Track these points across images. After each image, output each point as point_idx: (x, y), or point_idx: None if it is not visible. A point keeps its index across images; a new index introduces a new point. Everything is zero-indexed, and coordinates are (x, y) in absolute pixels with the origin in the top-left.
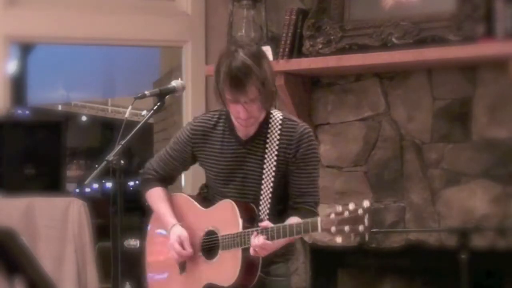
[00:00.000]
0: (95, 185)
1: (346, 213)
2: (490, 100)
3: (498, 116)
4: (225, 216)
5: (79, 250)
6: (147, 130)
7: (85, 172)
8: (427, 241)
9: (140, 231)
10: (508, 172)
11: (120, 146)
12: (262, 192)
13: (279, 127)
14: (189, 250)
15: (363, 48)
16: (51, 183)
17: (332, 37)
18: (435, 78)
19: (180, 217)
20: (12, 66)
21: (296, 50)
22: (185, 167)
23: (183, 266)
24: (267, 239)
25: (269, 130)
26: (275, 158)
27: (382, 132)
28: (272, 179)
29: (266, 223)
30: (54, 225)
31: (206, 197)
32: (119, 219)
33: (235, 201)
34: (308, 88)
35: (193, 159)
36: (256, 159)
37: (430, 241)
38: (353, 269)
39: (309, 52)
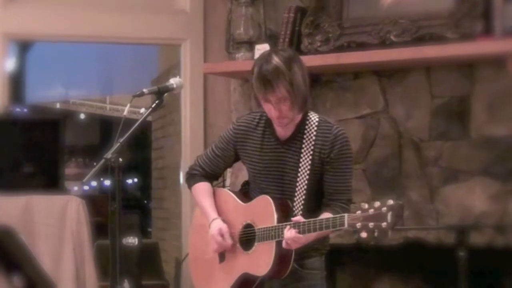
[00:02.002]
0: (94, 183)
1: (371, 211)
2: (488, 98)
3: (497, 113)
4: (262, 211)
5: (77, 248)
6: (145, 128)
7: (84, 170)
8: (425, 239)
9: (138, 229)
10: (507, 169)
11: (118, 144)
12: (297, 189)
13: (315, 128)
14: (229, 241)
15: (361, 46)
16: (50, 181)
17: (330, 35)
18: (433, 76)
19: (221, 210)
20: (10, 64)
21: (294, 48)
22: (229, 164)
23: (222, 256)
24: (299, 232)
25: (306, 131)
26: (310, 157)
27: (380, 130)
28: (307, 177)
29: (298, 218)
30: (53, 223)
31: (246, 192)
32: (117, 217)
33: (272, 197)
34: None
35: (236, 157)
36: (293, 158)
37: (429, 239)
38: (351, 266)
39: (308, 50)
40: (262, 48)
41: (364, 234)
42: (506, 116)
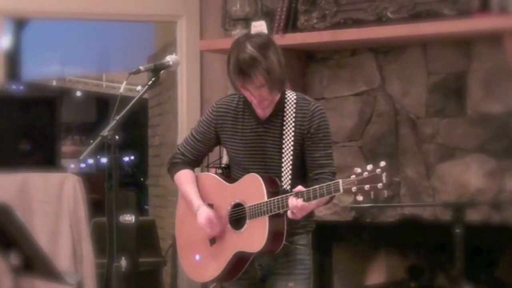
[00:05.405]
0: (90, 161)
1: (365, 174)
2: (485, 75)
3: (493, 90)
4: (251, 188)
5: (74, 225)
6: (142, 105)
7: (80, 148)
8: (421, 216)
9: (135, 206)
10: (503, 146)
11: (115, 121)
12: (283, 166)
13: (294, 105)
14: (217, 228)
15: (358, 23)
16: (46, 159)
17: (327, 12)
18: (430, 53)
19: (207, 194)
20: (6, 41)
21: (291, 25)
22: (210, 148)
23: (212, 238)
24: (304, 200)
25: (285, 109)
26: (292, 134)
27: (377, 107)
28: (291, 152)
29: (300, 188)
30: (49, 200)
31: (228, 175)
32: (114, 194)
33: (259, 175)
34: (303, 63)
35: (217, 140)
36: (274, 137)
37: (425, 216)
38: (348, 243)
39: (304, 27)
40: (258, 25)
41: (360, 197)
42: (503, 93)
